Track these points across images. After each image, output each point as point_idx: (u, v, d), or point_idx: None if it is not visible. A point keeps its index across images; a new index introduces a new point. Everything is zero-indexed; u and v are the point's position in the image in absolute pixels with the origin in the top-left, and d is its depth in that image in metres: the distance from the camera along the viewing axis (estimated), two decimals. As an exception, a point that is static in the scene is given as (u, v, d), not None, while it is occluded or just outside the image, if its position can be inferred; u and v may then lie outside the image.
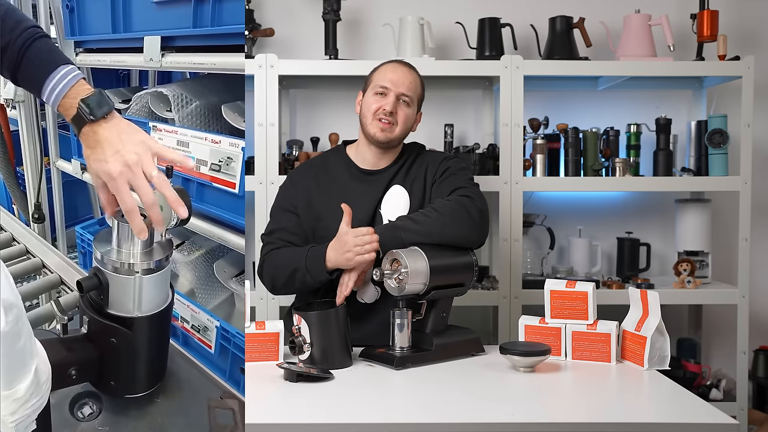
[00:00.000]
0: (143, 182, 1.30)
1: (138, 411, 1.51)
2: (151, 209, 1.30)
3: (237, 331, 2.06)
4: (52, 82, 1.32)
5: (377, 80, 1.98)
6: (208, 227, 2.17)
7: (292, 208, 2.00)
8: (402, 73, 1.98)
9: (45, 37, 1.37)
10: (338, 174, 2.03)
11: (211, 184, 2.06)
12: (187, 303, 2.21)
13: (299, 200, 2.00)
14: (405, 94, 1.96)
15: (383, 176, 2.02)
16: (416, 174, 2.02)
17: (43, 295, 2.29)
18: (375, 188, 2.00)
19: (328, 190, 2.01)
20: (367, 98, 1.99)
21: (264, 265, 1.96)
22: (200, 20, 2.00)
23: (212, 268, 2.55)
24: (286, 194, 2.04)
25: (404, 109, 1.97)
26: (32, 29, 1.35)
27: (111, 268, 1.38)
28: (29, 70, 1.34)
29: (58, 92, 1.33)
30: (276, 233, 1.98)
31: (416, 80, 2.01)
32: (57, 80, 1.33)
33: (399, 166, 2.03)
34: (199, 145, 2.08)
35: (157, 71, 3.10)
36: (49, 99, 1.34)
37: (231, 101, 2.35)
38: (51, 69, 1.33)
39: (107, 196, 1.36)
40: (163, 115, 2.39)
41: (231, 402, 1.52)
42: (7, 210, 3.00)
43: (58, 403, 1.45)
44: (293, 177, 2.08)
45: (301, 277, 1.86)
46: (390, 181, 2.01)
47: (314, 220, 1.99)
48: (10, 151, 3.08)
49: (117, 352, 1.42)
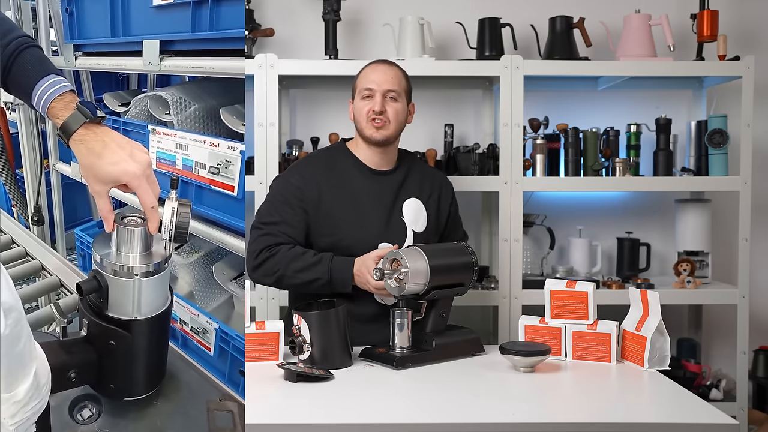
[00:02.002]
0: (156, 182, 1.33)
1: (137, 413, 1.50)
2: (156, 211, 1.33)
3: (236, 333, 2.06)
4: (42, 87, 1.32)
5: (361, 84, 2.02)
6: (207, 230, 2.17)
7: (299, 202, 1.97)
8: (383, 71, 2.02)
9: (36, 47, 1.37)
10: (347, 171, 2.04)
11: (210, 187, 2.07)
12: (186, 305, 2.22)
13: (309, 195, 1.98)
14: (390, 90, 2.00)
15: (393, 178, 2.06)
16: (425, 189, 2.10)
17: (42, 298, 2.29)
18: (387, 190, 2.04)
19: (339, 187, 2.01)
20: (357, 104, 2.03)
21: (270, 260, 1.92)
22: (199, 24, 2.01)
23: (211, 271, 2.56)
24: (294, 187, 2.00)
25: (393, 105, 2.00)
26: (24, 38, 1.36)
27: (110, 271, 1.38)
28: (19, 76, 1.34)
29: (48, 96, 1.31)
30: (278, 226, 1.95)
31: (398, 74, 2.04)
32: (47, 86, 1.32)
33: (405, 171, 2.09)
34: (197, 148, 2.08)
35: (156, 75, 3.10)
36: (38, 103, 1.33)
37: (230, 104, 2.36)
38: (41, 76, 1.33)
39: (109, 206, 1.35)
40: (162, 119, 2.39)
41: (230, 404, 1.52)
42: (6, 212, 3.00)
43: (58, 405, 1.45)
44: (302, 170, 2.05)
45: (319, 286, 1.90)
46: (401, 185, 2.06)
47: (325, 216, 1.98)
48: (9, 153, 3.09)
49: (116, 355, 1.42)
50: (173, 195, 1.40)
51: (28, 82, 1.33)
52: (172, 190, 1.40)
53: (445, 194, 2.15)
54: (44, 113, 1.33)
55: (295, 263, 1.91)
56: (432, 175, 2.19)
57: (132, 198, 1.46)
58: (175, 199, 1.40)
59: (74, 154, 1.34)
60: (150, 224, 1.36)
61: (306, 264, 1.90)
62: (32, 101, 1.34)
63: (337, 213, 1.98)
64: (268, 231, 1.95)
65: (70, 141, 1.31)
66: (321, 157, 2.12)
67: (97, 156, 1.30)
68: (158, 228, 1.38)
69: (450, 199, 2.16)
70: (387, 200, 2.03)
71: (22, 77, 1.33)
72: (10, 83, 1.36)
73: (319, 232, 1.98)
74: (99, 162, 1.30)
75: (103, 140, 1.31)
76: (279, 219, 1.96)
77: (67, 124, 1.30)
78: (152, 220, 1.36)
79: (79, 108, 1.30)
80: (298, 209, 1.97)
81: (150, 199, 1.33)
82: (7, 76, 1.35)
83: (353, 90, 2.06)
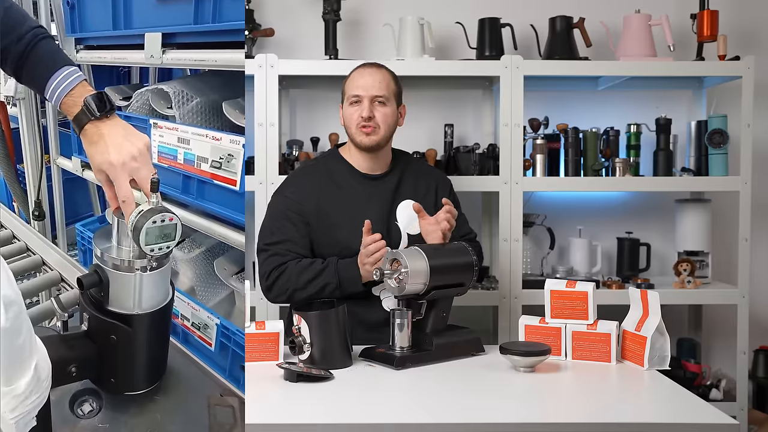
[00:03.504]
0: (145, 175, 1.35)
1: (138, 408, 1.50)
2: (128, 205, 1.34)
3: (237, 328, 2.05)
4: (56, 80, 1.36)
5: (349, 90, 2.02)
6: (208, 224, 2.16)
7: (298, 217, 2.00)
8: (370, 76, 2.01)
9: (49, 37, 1.40)
10: (342, 179, 2.06)
11: (212, 181, 2.06)
12: (187, 300, 2.21)
13: (308, 207, 2.01)
14: (378, 96, 1.99)
15: (387, 181, 2.06)
16: (420, 189, 2.09)
17: (43, 293, 2.29)
18: (383, 193, 2.05)
19: (337, 196, 2.03)
20: (346, 110, 2.03)
21: (280, 279, 1.96)
22: (201, 16, 2.00)
23: (212, 266, 2.55)
24: (291, 201, 2.03)
25: (381, 110, 2.00)
26: (37, 29, 1.39)
27: (111, 265, 1.38)
28: (33, 69, 1.38)
29: (61, 90, 1.36)
30: (283, 244, 1.99)
31: (386, 77, 2.03)
32: (60, 79, 1.36)
33: (399, 173, 2.09)
34: (200, 142, 2.07)
35: (157, 68, 3.09)
36: (51, 97, 1.37)
37: (232, 98, 2.34)
38: (55, 68, 1.37)
39: (113, 192, 1.37)
40: (164, 113, 2.38)
41: (231, 400, 1.52)
42: (7, 207, 3.00)
43: (58, 400, 1.45)
44: (297, 182, 2.08)
45: (330, 291, 1.92)
46: (396, 188, 2.06)
47: (325, 226, 2.00)
48: (10, 148, 3.08)
49: (117, 350, 1.42)
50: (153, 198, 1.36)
51: (42, 76, 1.37)
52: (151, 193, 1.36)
53: (441, 189, 2.14)
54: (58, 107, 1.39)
55: (305, 275, 1.94)
56: (427, 172, 2.19)
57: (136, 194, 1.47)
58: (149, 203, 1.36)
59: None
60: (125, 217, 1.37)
61: (315, 273, 1.94)
62: (45, 94, 1.39)
63: (336, 221, 2.00)
64: (275, 251, 1.99)
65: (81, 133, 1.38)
66: (315, 166, 2.14)
67: (93, 145, 1.37)
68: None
69: (446, 193, 2.13)
70: (384, 205, 2.04)
71: (35, 71, 1.38)
72: (24, 76, 1.40)
73: (322, 242, 2.01)
74: (93, 151, 1.37)
75: (101, 132, 1.36)
76: (282, 237, 2.00)
77: (78, 118, 1.36)
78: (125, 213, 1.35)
79: (86, 105, 1.35)
80: (299, 224, 2.00)
81: (122, 192, 1.34)
82: (21, 69, 1.39)
83: (342, 95, 2.06)
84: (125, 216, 1.36)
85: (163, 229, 1.33)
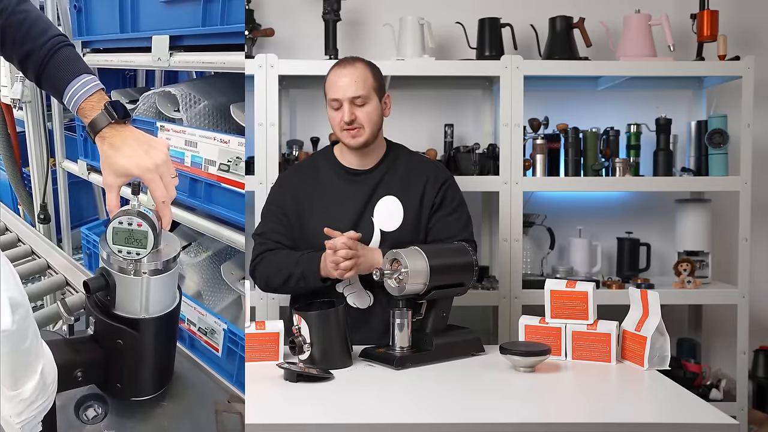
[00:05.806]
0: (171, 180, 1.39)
1: (144, 414, 1.49)
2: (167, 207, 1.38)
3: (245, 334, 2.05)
4: (74, 87, 1.39)
5: (329, 93, 2.00)
6: (216, 228, 2.16)
7: (280, 210, 2.06)
8: (346, 77, 1.96)
9: (70, 45, 1.44)
10: (325, 176, 2.07)
11: (219, 185, 2.06)
12: (194, 305, 2.20)
13: (287, 202, 2.05)
14: (355, 97, 1.95)
15: (370, 177, 2.04)
16: (409, 184, 2.04)
17: (48, 296, 2.30)
18: (362, 190, 2.03)
19: (315, 192, 2.05)
20: (329, 113, 2.01)
21: (258, 266, 2.03)
22: (209, 19, 1.99)
23: (219, 270, 2.54)
24: (275, 196, 2.10)
25: (363, 110, 1.97)
26: (59, 37, 1.43)
27: (117, 269, 1.37)
28: (53, 75, 1.41)
29: (79, 96, 1.39)
30: (266, 234, 2.05)
31: (362, 73, 1.97)
32: (79, 86, 1.39)
33: (386, 168, 2.05)
34: (207, 145, 2.07)
35: (163, 71, 3.09)
36: (69, 102, 1.40)
37: (239, 101, 2.33)
38: (74, 75, 1.40)
39: (116, 202, 1.38)
40: (171, 115, 2.38)
41: (238, 406, 1.51)
42: (12, 211, 3.01)
43: (64, 405, 1.44)
44: (282, 179, 2.15)
45: (295, 282, 1.95)
46: (378, 183, 2.03)
47: (300, 222, 2.03)
48: (16, 151, 3.09)
49: (123, 354, 1.41)
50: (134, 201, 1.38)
51: (61, 82, 1.40)
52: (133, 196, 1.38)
53: (432, 184, 2.04)
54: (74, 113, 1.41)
55: (276, 263, 1.99)
56: (421, 166, 2.09)
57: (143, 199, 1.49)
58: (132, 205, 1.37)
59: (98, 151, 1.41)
60: (162, 219, 1.39)
61: (285, 263, 1.97)
62: (63, 100, 1.41)
63: (309, 214, 2.02)
64: (260, 241, 2.05)
65: (96, 137, 1.39)
66: (304, 162, 2.19)
67: (115, 149, 1.37)
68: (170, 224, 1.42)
69: (438, 187, 2.04)
70: (360, 200, 2.02)
71: (55, 77, 1.41)
72: (44, 82, 1.43)
73: (297, 235, 2.04)
74: (116, 155, 1.37)
75: (124, 136, 1.38)
76: (267, 228, 2.06)
77: (94, 123, 1.38)
78: (164, 215, 1.39)
79: (106, 109, 1.38)
80: (280, 215, 2.05)
81: (161, 193, 1.37)
82: (41, 75, 1.42)
83: (325, 96, 2.02)
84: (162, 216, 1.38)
85: (131, 233, 1.33)
